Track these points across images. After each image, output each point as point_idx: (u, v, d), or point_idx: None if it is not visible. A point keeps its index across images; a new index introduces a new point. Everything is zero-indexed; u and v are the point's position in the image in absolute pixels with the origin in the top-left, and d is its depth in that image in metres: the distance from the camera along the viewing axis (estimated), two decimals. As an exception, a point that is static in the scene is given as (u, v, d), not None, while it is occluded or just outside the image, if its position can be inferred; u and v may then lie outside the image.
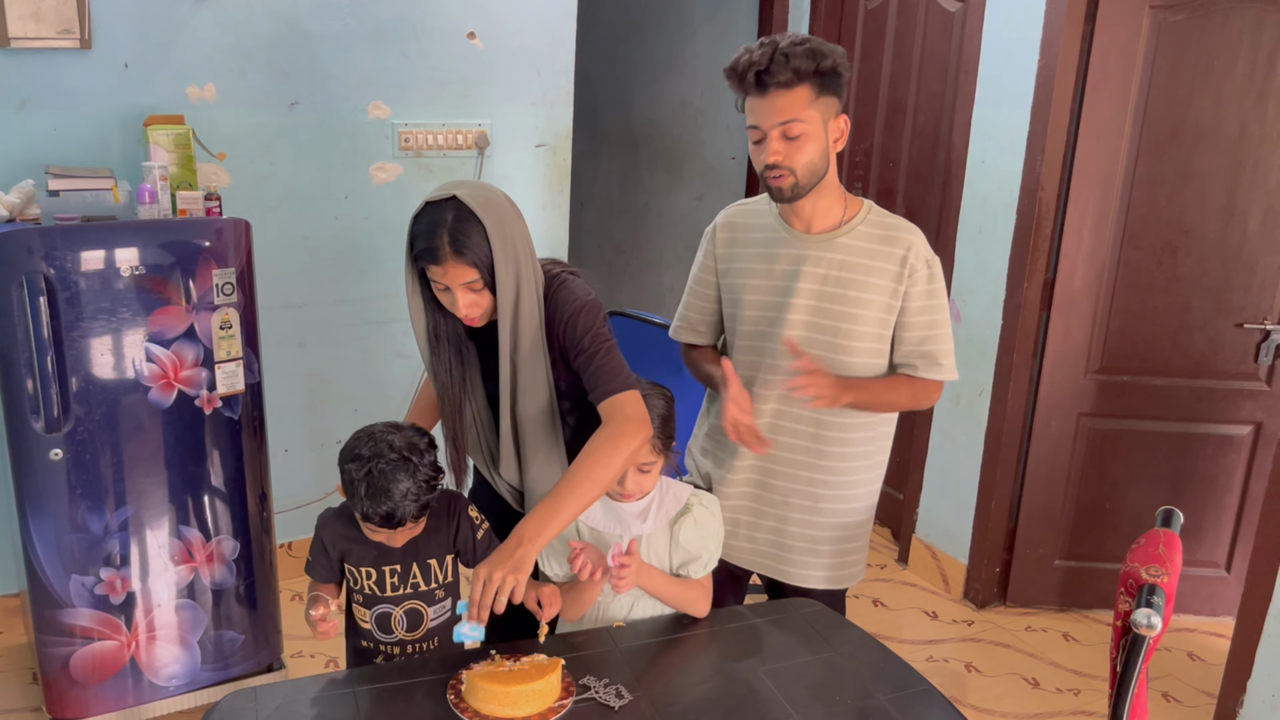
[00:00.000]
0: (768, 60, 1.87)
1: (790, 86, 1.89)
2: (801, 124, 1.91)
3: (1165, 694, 3.11)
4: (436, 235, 1.78)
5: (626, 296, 5.53)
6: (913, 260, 2.02)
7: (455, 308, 1.84)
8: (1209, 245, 3.18)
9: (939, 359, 2.08)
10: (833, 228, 2.06)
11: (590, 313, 1.89)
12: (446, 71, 3.39)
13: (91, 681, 2.65)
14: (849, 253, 2.04)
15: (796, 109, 1.90)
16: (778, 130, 1.92)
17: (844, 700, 1.74)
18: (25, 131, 2.84)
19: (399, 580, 1.90)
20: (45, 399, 2.43)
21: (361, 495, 1.79)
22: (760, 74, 1.88)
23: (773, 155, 1.94)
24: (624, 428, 1.82)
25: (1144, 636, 1.69)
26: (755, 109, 1.93)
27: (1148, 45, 3.07)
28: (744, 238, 2.16)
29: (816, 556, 2.18)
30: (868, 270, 2.03)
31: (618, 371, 1.87)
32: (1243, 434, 3.32)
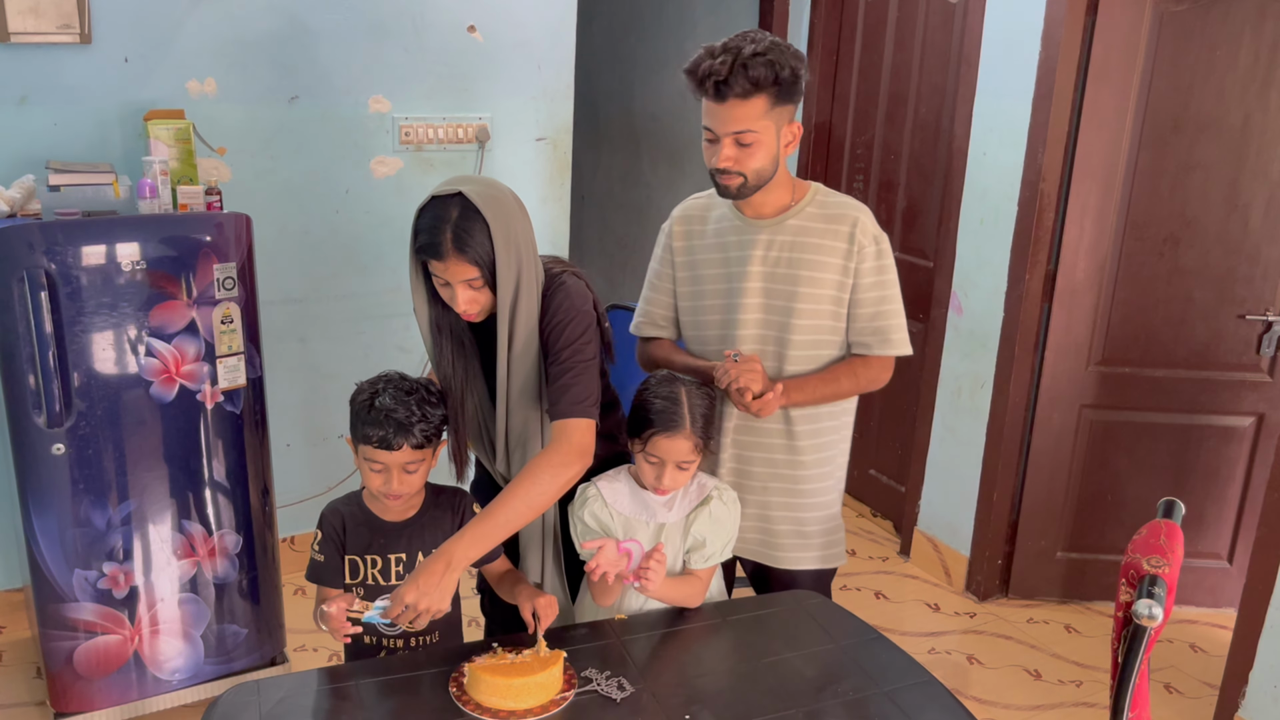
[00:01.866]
0: (727, 71, 1.88)
1: (747, 97, 1.90)
2: (754, 134, 1.94)
3: (1167, 685, 3.11)
4: (440, 231, 1.78)
5: (627, 290, 5.52)
6: (860, 237, 2.05)
7: (455, 303, 1.84)
8: (1211, 237, 3.18)
9: (889, 334, 2.10)
10: (778, 212, 2.09)
11: (578, 325, 1.88)
12: (447, 65, 3.38)
13: (95, 675, 2.66)
14: (797, 233, 2.08)
15: (751, 119, 1.93)
16: (731, 137, 1.95)
17: (846, 692, 1.74)
18: (26, 126, 2.84)
19: (404, 569, 1.91)
20: (47, 394, 2.43)
21: (367, 412, 1.81)
22: (719, 83, 1.90)
23: (724, 161, 1.97)
24: (567, 457, 1.83)
25: (1145, 627, 1.69)
26: (711, 113, 1.96)
27: (1149, 36, 3.06)
28: (699, 230, 2.19)
29: (804, 539, 2.21)
30: (816, 249, 2.07)
31: (583, 396, 1.86)
32: (1245, 425, 3.32)
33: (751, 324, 2.12)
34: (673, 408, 1.90)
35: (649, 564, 1.88)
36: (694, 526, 1.98)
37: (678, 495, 1.99)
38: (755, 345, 2.12)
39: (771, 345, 2.12)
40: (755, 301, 2.11)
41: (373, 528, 1.91)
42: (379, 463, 1.83)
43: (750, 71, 1.88)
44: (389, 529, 1.91)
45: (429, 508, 1.94)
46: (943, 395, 3.62)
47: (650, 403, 1.92)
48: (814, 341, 2.11)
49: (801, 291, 2.07)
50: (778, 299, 2.10)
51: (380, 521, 1.91)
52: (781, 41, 1.94)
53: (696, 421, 1.91)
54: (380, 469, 1.83)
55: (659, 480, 1.92)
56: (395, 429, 1.80)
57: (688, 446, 1.90)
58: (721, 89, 1.90)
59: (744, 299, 2.10)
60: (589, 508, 1.97)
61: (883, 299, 2.09)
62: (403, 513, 1.92)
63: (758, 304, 2.11)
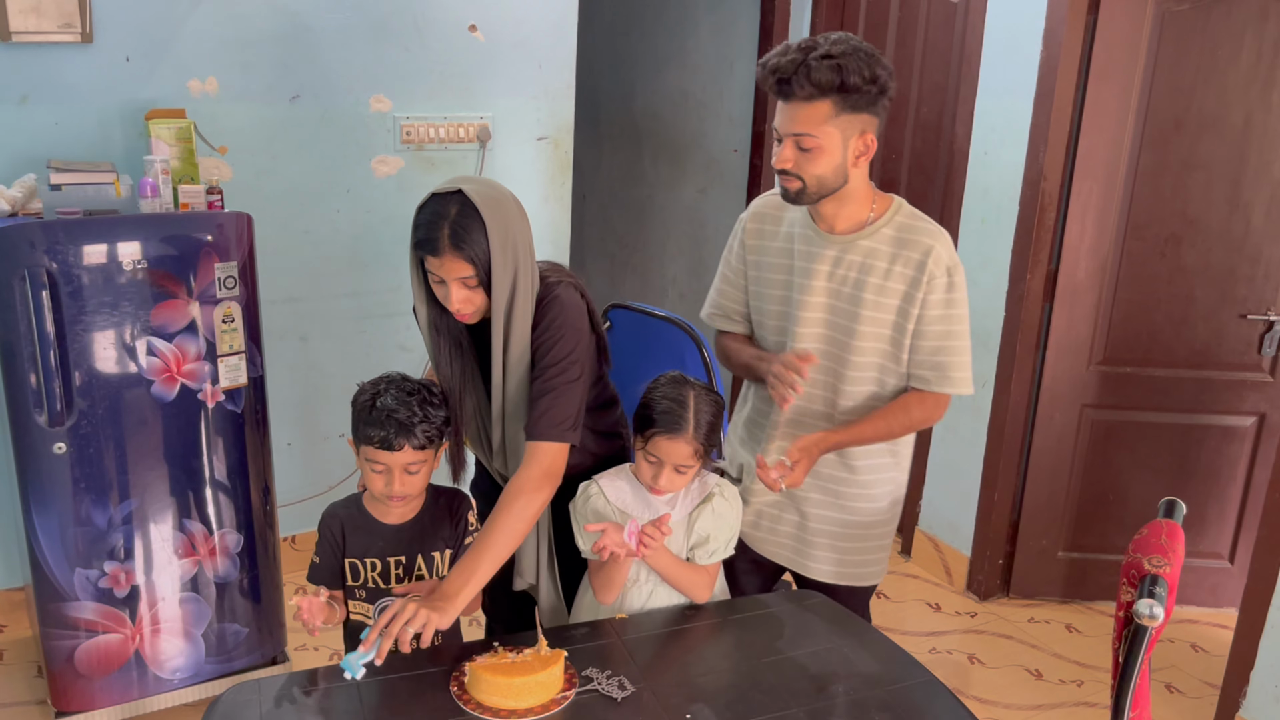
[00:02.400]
0: (791, 70, 1.83)
1: (810, 100, 1.83)
2: (815, 139, 1.86)
3: (1168, 685, 3.11)
4: (437, 227, 1.77)
5: (629, 289, 5.52)
6: (931, 266, 1.95)
7: (448, 301, 1.83)
8: (1213, 236, 3.17)
9: (950, 371, 2.00)
10: (855, 229, 2.01)
11: (567, 343, 1.87)
12: (448, 64, 3.38)
13: (96, 674, 2.66)
14: (866, 255, 1.99)
15: (813, 124, 1.85)
16: (792, 139, 1.88)
17: (847, 692, 1.74)
18: (27, 126, 2.84)
19: (404, 571, 1.91)
20: (48, 393, 2.43)
21: (369, 413, 1.80)
22: (781, 81, 1.84)
23: (782, 161, 1.91)
24: (539, 482, 1.84)
25: (1146, 627, 1.68)
26: (778, 111, 1.90)
27: (1151, 35, 3.06)
28: (771, 230, 2.13)
29: (835, 552, 2.17)
30: (884, 274, 1.98)
31: (560, 418, 1.86)
32: (1246, 425, 3.31)
33: (807, 339, 2.06)
34: (677, 410, 1.89)
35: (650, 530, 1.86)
36: (698, 523, 1.98)
37: (679, 492, 1.99)
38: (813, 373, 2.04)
39: (825, 374, 2.06)
40: (816, 316, 2.05)
41: (372, 531, 1.91)
42: (380, 464, 1.82)
43: (813, 74, 1.80)
44: (388, 532, 1.91)
45: (429, 510, 1.94)
46: (944, 395, 3.62)
47: (656, 402, 1.92)
48: (873, 367, 2.04)
49: (864, 315, 2.00)
50: (839, 319, 2.03)
51: (379, 525, 1.91)
52: (866, 47, 1.84)
53: (700, 427, 1.90)
54: (382, 470, 1.83)
55: (655, 481, 1.92)
56: (396, 429, 1.79)
57: (688, 451, 1.90)
58: (784, 88, 1.84)
59: (804, 312, 2.04)
60: (591, 505, 1.97)
61: (948, 334, 1.99)
62: (402, 515, 1.91)
63: (818, 319, 2.05)
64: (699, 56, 4.76)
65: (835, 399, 2.08)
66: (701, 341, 2.80)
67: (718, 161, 4.71)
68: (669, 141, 5.09)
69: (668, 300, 5.18)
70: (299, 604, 1.78)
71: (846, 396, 2.06)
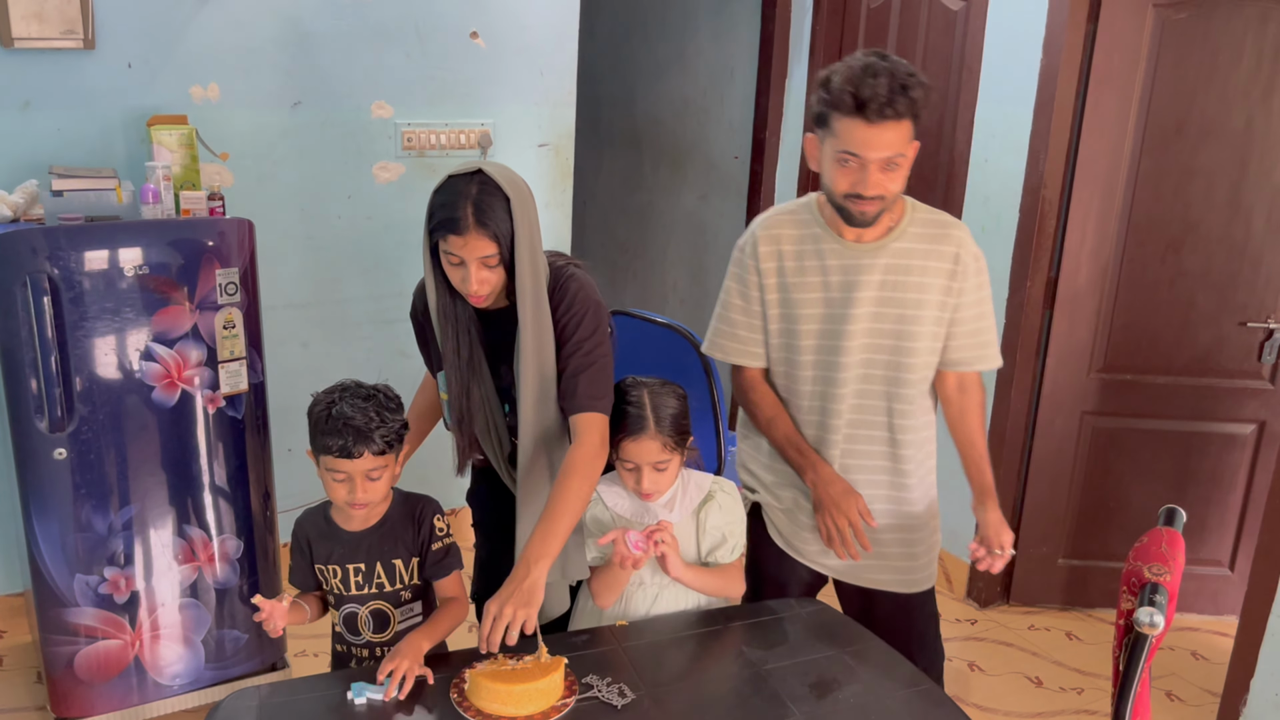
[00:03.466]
0: (888, 92, 1.79)
1: (901, 119, 1.83)
2: (905, 157, 1.88)
3: (1168, 693, 3.11)
4: (459, 206, 1.76)
5: (630, 295, 5.52)
6: (965, 258, 2.02)
7: (466, 283, 1.81)
8: (1213, 242, 3.18)
9: (988, 349, 2.11)
10: (882, 235, 2.02)
11: (595, 316, 1.90)
12: (449, 71, 3.39)
13: (96, 680, 2.66)
14: (902, 256, 2.01)
15: (903, 143, 1.86)
16: (881, 161, 1.85)
17: (847, 699, 1.74)
18: (29, 132, 2.84)
19: (363, 579, 1.90)
20: (49, 399, 2.43)
21: (325, 422, 1.79)
22: (882, 105, 1.80)
23: (874, 187, 1.87)
24: (598, 449, 1.86)
25: (1147, 635, 1.68)
26: (859, 137, 1.83)
27: (1151, 42, 3.06)
28: (791, 251, 2.06)
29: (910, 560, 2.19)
30: (922, 271, 2.02)
31: (604, 391, 1.88)
32: (1246, 433, 3.31)
33: (856, 351, 2.05)
34: (636, 412, 1.91)
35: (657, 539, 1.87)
36: (709, 524, 1.99)
37: (676, 496, 1.99)
38: (859, 383, 2.06)
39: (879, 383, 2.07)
40: (863, 327, 2.03)
41: (333, 538, 1.90)
42: (341, 472, 1.81)
43: (911, 92, 1.81)
44: (348, 539, 1.90)
45: (392, 517, 1.92)
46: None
47: (618, 408, 1.93)
48: (927, 366, 2.08)
49: (910, 314, 2.02)
50: (887, 323, 2.03)
51: (341, 532, 1.90)
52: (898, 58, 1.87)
53: (662, 422, 1.91)
54: (343, 478, 1.81)
55: (639, 485, 1.93)
56: (355, 436, 1.77)
57: (655, 447, 1.91)
58: (885, 111, 1.80)
59: (851, 325, 2.02)
60: (589, 511, 1.97)
61: (983, 314, 2.08)
62: (364, 521, 1.90)
63: (866, 329, 2.03)
64: (700, 63, 4.77)
65: (892, 405, 2.09)
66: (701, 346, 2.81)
67: (718, 168, 4.71)
68: (670, 148, 5.09)
69: (668, 307, 5.18)
70: (260, 605, 1.80)
71: (903, 400, 2.08)
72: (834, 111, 1.85)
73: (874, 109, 1.80)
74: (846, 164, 1.87)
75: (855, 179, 1.88)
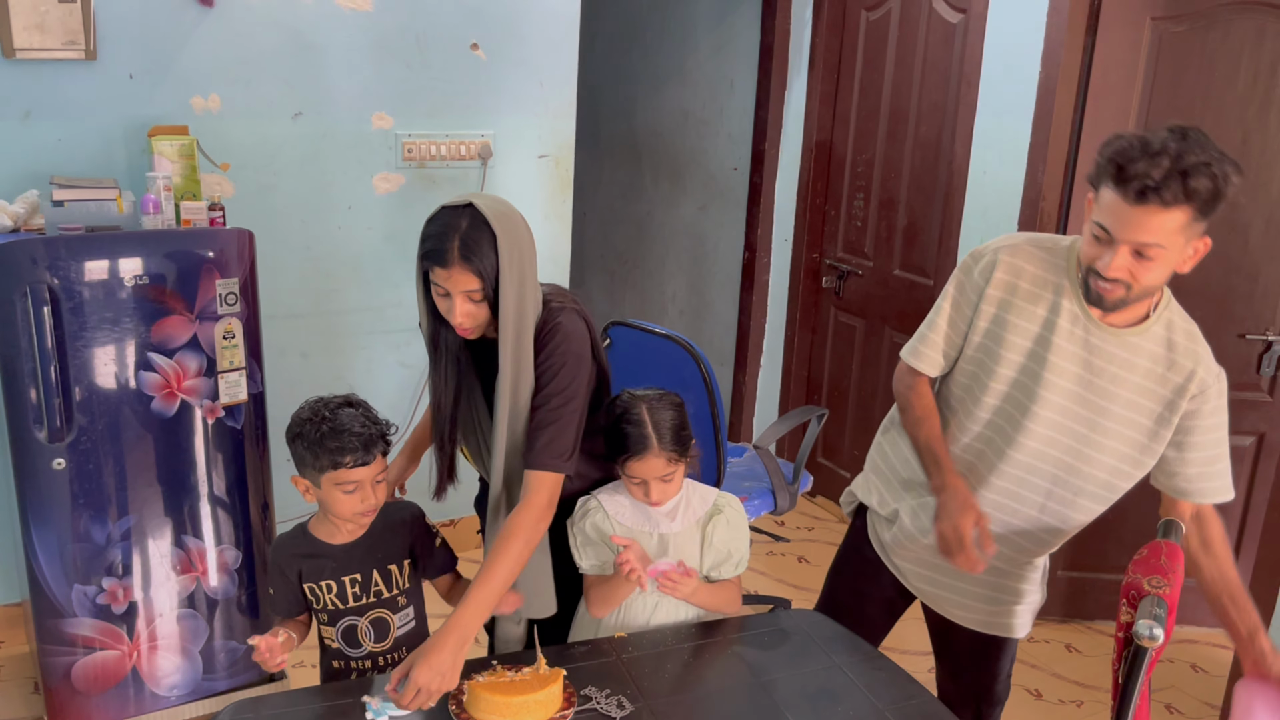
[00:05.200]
0: (1161, 176, 1.60)
1: (1170, 206, 1.63)
2: (1162, 249, 1.67)
3: (1168, 706, 3.10)
4: (447, 239, 1.77)
5: (629, 306, 5.53)
6: (1204, 375, 1.83)
7: (451, 314, 1.82)
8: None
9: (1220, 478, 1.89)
10: (1132, 324, 1.86)
11: (569, 370, 1.86)
12: (449, 82, 3.40)
13: (93, 691, 2.65)
14: (1132, 351, 1.84)
15: (1166, 233, 1.65)
16: (1132, 245, 1.67)
17: (845, 711, 1.73)
18: (30, 142, 2.85)
19: (360, 589, 1.90)
20: (48, 408, 2.43)
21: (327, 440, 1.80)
22: (1148, 189, 1.62)
23: (1115, 271, 1.69)
24: (542, 512, 1.84)
25: (1146, 648, 1.68)
26: (1116, 213, 1.66)
27: (1149, 56, 3.08)
28: (1029, 291, 1.90)
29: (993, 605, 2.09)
30: (1147, 374, 1.84)
31: (562, 449, 1.86)
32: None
33: (1042, 429, 1.89)
34: (638, 431, 1.92)
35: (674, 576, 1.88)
36: (715, 538, 1.99)
37: (679, 506, 1.99)
38: (1035, 459, 1.92)
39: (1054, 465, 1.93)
40: (1061, 401, 1.87)
41: (322, 555, 1.90)
42: (351, 483, 1.81)
43: (1190, 182, 1.60)
44: (338, 553, 1.90)
45: (377, 525, 1.92)
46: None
47: (618, 428, 1.94)
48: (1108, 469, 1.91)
49: (1113, 410, 1.86)
50: (1084, 407, 1.87)
51: (329, 547, 1.90)
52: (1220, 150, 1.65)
53: (664, 438, 1.92)
54: (353, 488, 1.82)
55: (648, 497, 1.95)
56: (365, 444, 1.80)
57: (660, 463, 1.92)
58: (1149, 195, 1.62)
59: (1049, 392, 1.87)
60: (590, 519, 1.97)
61: (1219, 440, 1.86)
62: (351, 534, 1.90)
63: (1063, 404, 1.88)
64: (699, 74, 4.79)
65: (1052, 492, 1.95)
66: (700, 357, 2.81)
67: (717, 179, 4.73)
68: (669, 159, 5.11)
69: (667, 317, 5.18)
70: (257, 644, 1.79)
71: (1069, 489, 1.94)
72: (1103, 178, 1.70)
73: (1134, 190, 1.63)
74: (1095, 236, 1.72)
75: (1098, 254, 1.72)
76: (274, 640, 1.81)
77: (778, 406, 4.58)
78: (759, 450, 3.25)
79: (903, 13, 3.75)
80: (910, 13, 3.72)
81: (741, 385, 4.65)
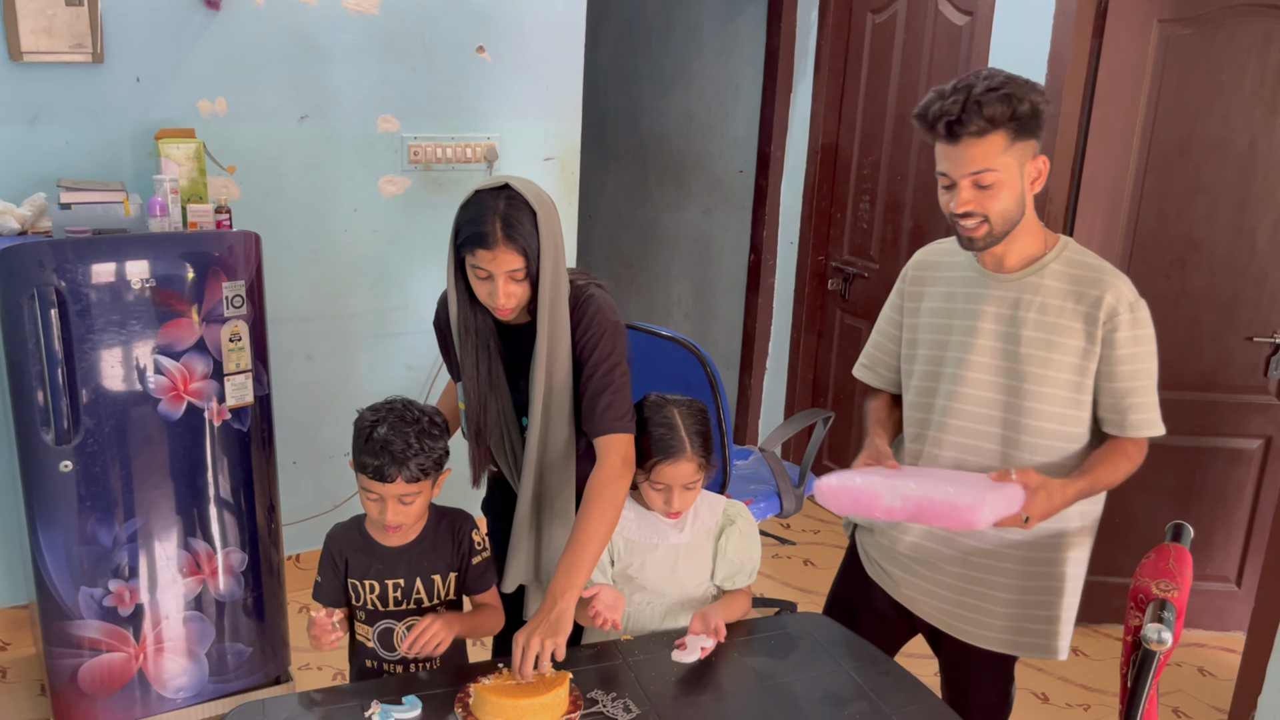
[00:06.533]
0: (959, 109, 1.76)
1: (983, 134, 1.77)
2: (994, 173, 1.80)
3: (1176, 709, 3.09)
4: (488, 221, 1.78)
5: (634, 309, 5.53)
6: (1113, 302, 1.85)
7: (494, 297, 1.83)
8: (1218, 259, 3.18)
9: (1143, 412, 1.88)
10: (1024, 266, 1.92)
11: (612, 338, 1.91)
12: (455, 85, 3.40)
13: (100, 693, 2.65)
14: (1039, 292, 1.89)
15: (989, 158, 1.79)
16: (969, 179, 1.81)
17: (852, 715, 1.73)
18: (37, 145, 2.86)
19: (402, 595, 1.90)
20: (55, 411, 2.44)
21: (365, 441, 1.80)
22: (951, 124, 1.77)
23: (963, 204, 1.82)
24: (623, 470, 1.87)
25: (1154, 652, 1.68)
26: (945, 156, 1.82)
27: (1155, 59, 3.07)
28: (934, 276, 2.04)
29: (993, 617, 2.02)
30: (1059, 312, 1.88)
31: (624, 411, 1.89)
32: (1253, 448, 3.31)
33: (973, 396, 1.94)
34: (670, 434, 1.91)
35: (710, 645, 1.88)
36: (729, 550, 1.99)
37: (688, 516, 1.99)
38: (979, 424, 1.94)
39: (997, 425, 1.93)
40: (985, 362, 1.92)
41: (371, 553, 1.90)
42: (374, 492, 1.82)
43: (985, 109, 1.75)
44: (387, 554, 1.90)
45: (429, 533, 1.93)
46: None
47: (648, 431, 1.93)
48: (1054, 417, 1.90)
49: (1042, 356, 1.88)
50: (1013, 363, 1.91)
51: (379, 547, 1.90)
52: (1017, 77, 1.80)
53: (695, 442, 1.92)
54: (376, 498, 1.82)
55: (668, 505, 1.93)
56: (390, 460, 1.78)
57: (691, 468, 1.91)
58: (954, 128, 1.77)
59: (972, 356, 1.93)
60: None
61: (1136, 373, 1.87)
62: (402, 538, 1.90)
63: (988, 364, 1.93)
64: (704, 78, 4.79)
65: (1010, 451, 1.94)
66: (706, 360, 2.81)
67: (723, 182, 4.73)
68: (675, 162, 5.11)
69: (673, 320, 5.18)
70: (315, 618, 1.81)
71: (1024, 448, 1.93)
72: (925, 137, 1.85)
73: (943, 128, 1.78)
74: (944, 185, 1.86)
75: (949, 199, 1.85)
76: (328, 621, 1.81)
77: (783, 409, 4.57)
78: (765, 453, 3.24)
79: (908, 15, 3.75)
80: (916, 15, 3.71)
81: (747, 388, 4.65)
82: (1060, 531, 1.97)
